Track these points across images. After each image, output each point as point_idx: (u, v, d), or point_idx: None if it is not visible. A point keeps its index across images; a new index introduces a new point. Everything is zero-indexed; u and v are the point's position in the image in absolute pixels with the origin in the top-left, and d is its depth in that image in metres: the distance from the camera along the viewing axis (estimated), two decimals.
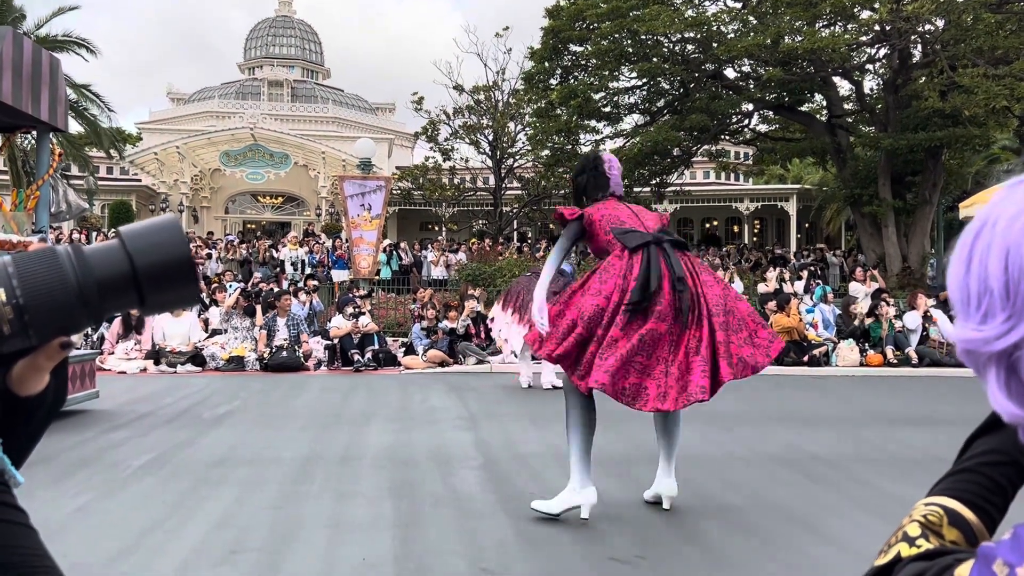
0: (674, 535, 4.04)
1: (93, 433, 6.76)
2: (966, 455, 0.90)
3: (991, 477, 0.87)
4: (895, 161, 20.35)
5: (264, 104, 38.72)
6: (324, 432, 6.91)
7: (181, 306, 0.98)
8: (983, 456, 0.88)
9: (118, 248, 0.88)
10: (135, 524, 4.16)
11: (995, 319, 0.67)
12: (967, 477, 0.87)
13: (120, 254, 0.88)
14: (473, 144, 29.12)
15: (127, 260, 0.88)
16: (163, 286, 0.89)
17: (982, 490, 0.86)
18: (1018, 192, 0.69)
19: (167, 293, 0.90)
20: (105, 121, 26.73)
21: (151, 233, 0.90)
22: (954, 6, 17.49)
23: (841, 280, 20.62)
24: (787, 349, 13.45)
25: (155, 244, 0.89)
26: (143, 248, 0.89)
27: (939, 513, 0.84)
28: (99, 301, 0.87)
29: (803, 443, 6.52)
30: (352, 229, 17.95)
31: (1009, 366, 0.67)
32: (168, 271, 0.89)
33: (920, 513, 0.84)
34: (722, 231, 35.10)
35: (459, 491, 4.91)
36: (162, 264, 0.89)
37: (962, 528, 0.83)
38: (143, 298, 0.89)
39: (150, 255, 0.88)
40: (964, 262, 0.71)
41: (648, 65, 20.84)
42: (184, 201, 31.08)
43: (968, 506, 0.85)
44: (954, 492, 0.86)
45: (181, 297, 0.92)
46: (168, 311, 0.99)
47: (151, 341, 12.58)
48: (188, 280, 0.90)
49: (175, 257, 0.89)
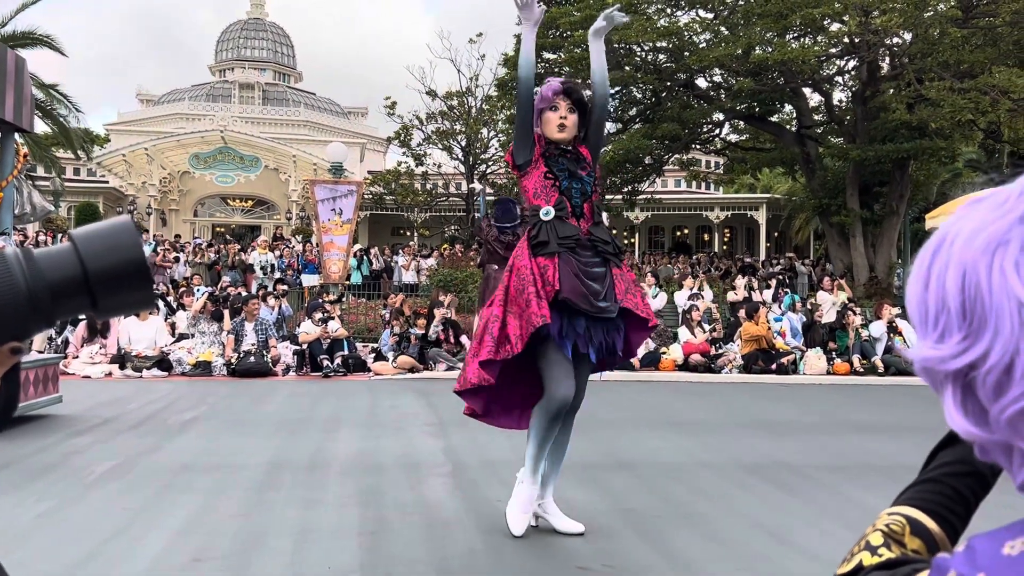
0: (641, 543, 4.05)
1: (55, 439, 6.65)
2: (931, 466, 0.91)
3: (954, 488, 0.88)
4: (863, 172, 20.63)
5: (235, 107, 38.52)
6: (291, 438, 6.85)
7: (136, 310, 0.96)
8: (947, 467, 0.89)
9: (70, 251, 0.87)
10: (97, 531, 4.09)
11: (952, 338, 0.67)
12: (931, 487, 0.88)
13: (72, 258, 0.86)
14: (446, 149, 29.13)
15: (79, 264, 0.86)
16: (116, 290, 0.88)
17: (945, 500, 0.87)
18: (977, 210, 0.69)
19: (121, 297, 0.89)
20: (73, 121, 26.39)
21: (104, 236, 0.88)
22: (921, 20, 17.77)
23: (809, 289, 20.83)
24: (755, 357, 13.57)
25: (108, 247, 0.87)
26: (95, 251, 0.87)
27: (902, 523, 0.84)
28: (50, 306, 0.85)
29: (771, 451, 6.56)
30: (323, 233, 17.87)
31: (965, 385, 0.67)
32: (121, 274, 0.87)
33: (883, 522, 0.84)
34: (693, 239, 35.35)
35: (427, 498, 4.88)
36: (115, 267, 0.87)
37: (924, 538, 0.84)
38: (96, 302, 0.88)
39: (103, 258, 0.87)
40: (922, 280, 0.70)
41: (620, 74, 20.95)
42: (152, 204, 30.79)
43: (931, 516, 0.85)
44: (917, 502, 0.87)
45: (135, 301, 0.90)
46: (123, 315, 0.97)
47: (116, 345, 12.43)
48: (142, 283, 0.89)
49: (128, 260, 0.87)
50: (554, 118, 4.13)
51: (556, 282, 3.91)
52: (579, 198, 4.10)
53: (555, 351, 3.92)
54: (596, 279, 3.98)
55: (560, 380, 3.89)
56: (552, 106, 4.15)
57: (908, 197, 21.38)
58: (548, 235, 4.00)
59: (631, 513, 4.59)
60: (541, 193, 4.11)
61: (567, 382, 3.90)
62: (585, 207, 4.11)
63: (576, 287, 3.92)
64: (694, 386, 12.08)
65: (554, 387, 3.89)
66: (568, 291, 3.90)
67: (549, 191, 4.10)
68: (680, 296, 17.33)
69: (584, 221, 4.08)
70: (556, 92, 4.16)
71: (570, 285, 3.91)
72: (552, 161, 4.13)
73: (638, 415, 8.19)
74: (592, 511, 4.58)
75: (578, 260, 3.98)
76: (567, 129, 4.13)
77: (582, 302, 3.91)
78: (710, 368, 13.70)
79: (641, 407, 9.14)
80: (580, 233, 4.03)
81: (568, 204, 4.06)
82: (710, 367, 13.71)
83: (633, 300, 4.10)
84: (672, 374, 13.49)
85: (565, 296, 3.89)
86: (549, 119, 4.15)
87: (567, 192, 4.08)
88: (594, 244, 4.04)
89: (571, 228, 4.02)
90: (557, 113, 4.13)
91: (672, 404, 9.74)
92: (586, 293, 3.92)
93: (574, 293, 3.90)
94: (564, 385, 3.89)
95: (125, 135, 34.73)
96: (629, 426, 7.57)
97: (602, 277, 4.01)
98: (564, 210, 4.04)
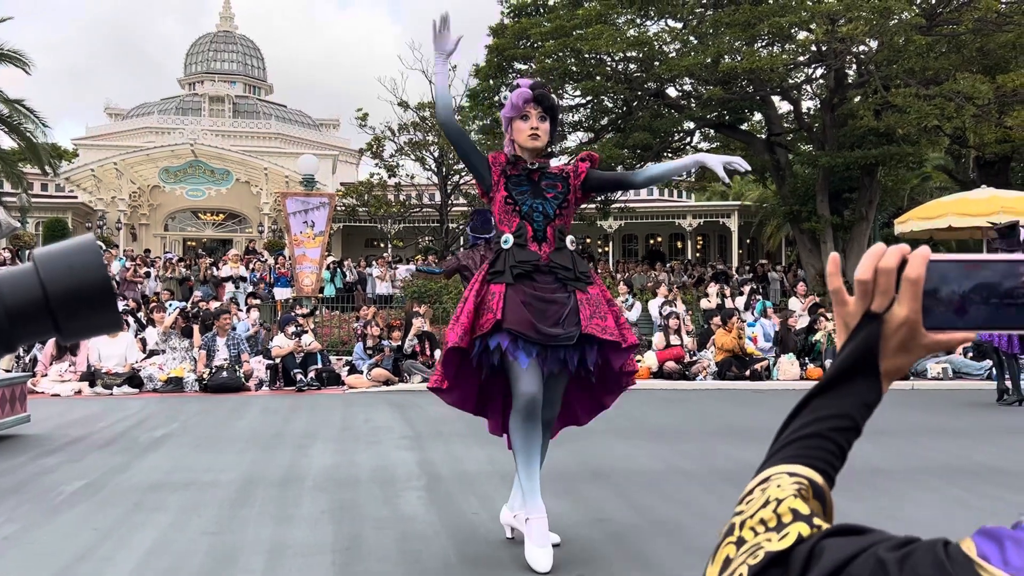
0: (617, 552, 4.04)
1: (24, 459, 6.55)
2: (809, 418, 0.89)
3: (838, 443, 0.87)
4: (832, 178, 20.85)
5: (205, 120, 38.24)
6: (264, 454, 6.78)
7: (100, 333, 0.93)
8: (832, 421, 0.88)
9: (31, 273, 0.84)
10: (66, 553, 4.02)
11: None
12: (818, 444, 0.87)
13: (32, 279, 0.83)
14: (419, 160, 29.08)
15: (39, 286, 0.83)
16: (79, 313, 0.85)
17: (831, 456, 0.87)
18: None
19: (84, 320, 0.86)
20: (40, 136, 26.10)
21: (66, 256, 0.85)
22: (886, 28, 17.99)
23: (782, 295, 20.98)
24: (729, 364, 13.64)
25: (70, 268, 0.84)
26: (57, 273, 0.84)
27: (807, 485, 0.83)
28: (9, 329, 0.83)
29: (746, 457, 6.58)
30: (295, 246, 17.76)
31: None
32: (84, 297, 0.84)
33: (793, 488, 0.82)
34: (666, 247, 35.50)
35: (402, 512, 4.85)
36: (77, 289, 0.84)
37: (820, 499, 0.83)
38: (59, 325, 0.85)
39: (64, 280, 0.84)
40: None
41: (591, 83, 21.06)
42: (122, 218, 30.47)
43: (821, 474, 0.85)
44: (809, 461, 0.86)
45: (100, 323, 0.87)
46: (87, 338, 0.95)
47: (86, 363, 12.26)
48: (106, 306, 0.86)
49: (91, 282, 0.85)
50: (525, 128, 3.99)
51: (499, 311, 3.83)
52: (541, 221, 3.98)
53: (512, 361, 3.90)
54: (553, 305, 3.88)
55: (522, 377, 3.84)
56: (523, 115, 4.00)
57: (877, 203, 21.65)
58: (503, 264, 3.94)
59: (606, 523, 4.59)
60: (503, 219, 4.02)
61: (528, 379, 3.83)
62: (548, 231, 3.99)
63: (522, 317, 3.83)
64: (669, 393, 12.11)
65: (518, 385, 3.85)
66: (512, 321, 3.83)
67: (510, 216, 4.01)
68: (654, 304, 17.39)
69: (547, 245, 3.96)
70: (527, 100, 3.98)
71: (515, 315, 3.83)
72: (512, 183, 4.01)
73: (613, 423, 8.18)
74: (567, 521, 4.56)
75: (534, 286, 3.90)
76: (540, 139, 4.00)
77: (528, 331, 3.82)
78: (684, 375, 13.74)
79: (616, 415, 9.12)
80: (540, 259, 3.93)
81: (529, 229, 3.96)
82: (684, 374, 13.76)
83: (601, 324, 3.93)
84: (647, 382, 13.51)
85: (507, 326, 3.83)
86: (520, 128, 4.00)
87: (528, 216, 3.98)
88: (553, 270, 3.93)
89: (529, 254, 3.93)
90: (528, 123, 3.98)
91: (647, 412, 9.75)
92: (533, 322, 3.82)
93: (519, 323, 3.82)
94: (525, 382, 3.83)
95: (94, 150, 34.32)
96: (604, 435, 7.57)
97: (562, 303, 3.90)
98: (523, 236, 3.95)
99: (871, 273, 0.87)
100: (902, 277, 0.85)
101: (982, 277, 0.84)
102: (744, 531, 0.80)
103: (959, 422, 8.87)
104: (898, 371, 0.90)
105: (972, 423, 8.82)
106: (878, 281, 0.86)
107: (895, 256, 0.85)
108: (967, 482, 5.64)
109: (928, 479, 5.73)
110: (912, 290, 0.84)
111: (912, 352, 0.88)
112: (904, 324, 0.86)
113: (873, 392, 0.90)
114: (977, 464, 6.36)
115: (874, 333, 0.88)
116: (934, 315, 0.85)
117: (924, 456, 6.69)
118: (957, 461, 6.49)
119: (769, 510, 0.80)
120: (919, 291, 0.84)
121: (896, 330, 0.86)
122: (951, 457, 6.67)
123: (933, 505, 4.99)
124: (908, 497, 5.16)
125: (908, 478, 5.72)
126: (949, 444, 7.29)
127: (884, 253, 0.86)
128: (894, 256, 0.85)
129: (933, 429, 8.22)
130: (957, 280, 0.84)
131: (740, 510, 0.84)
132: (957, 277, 0.84)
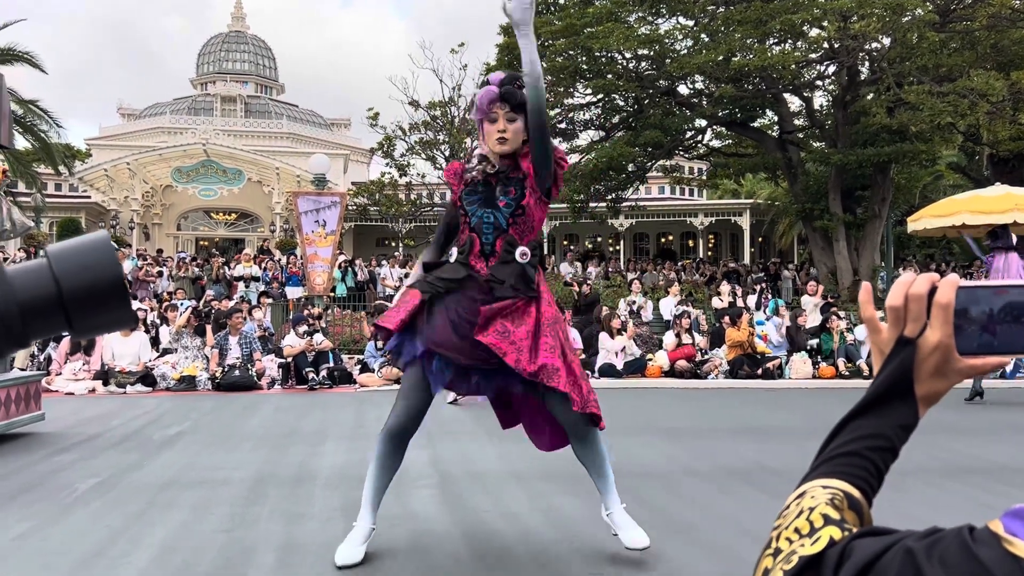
0: (629, 552, 4.03)
1: (38, 457, 6.59)
2: (847, 438, 0.93)
3: (875, 462, 0.91)
4: (845, 176, 20.76)
5: (217, 120, 38.40)
6: (277, 452, 6.80)
7: (114, 329, 0.93)
8: (869, 440, 0.91)
9: (44, 269, 0.84)
10: (79, 551, 4.04)
11: None
12: (856, 462, 0.90)
13: (46, 275, 0.83)
14: (429, 160, 29.10)
15: (53, 282, 0.83)
16: (92, 309, 0.85)
17: (868, 475, 0.90)
18: None
19: (97, 316, 0.86)
20: (54, 136, 26.26)
21: (79, 253, 0.85)
22: (899, 25, 17.91)
23: (794, 294, 20.91)
24: (741, 362, 13.60)
25: (84, 265, 0.84)
26: (70, 269, 0.84)
27: (841, 496, 0.86)
28: (22, 325, 0.83)
29: (757, 456, 6.57)
30: (306, 245, 17.80)
31: None
32: (97, 293, 0.84)
33: (826, 497, 0.86)
34: (677, 246, 35.43)
35: (413, 510, 4.86)
36: (91, 286, 0.84)
37: (858, 512, 0.86)
38: (71, 322, 0.85)
39: (78, 277, 0.84)
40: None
41: (603, 82, 21.02)
42: (135, 218, 30.63)
43: (858, 489, 0.88)
44: (847, 476, 0.89)
45: (113, 320, 0.87)
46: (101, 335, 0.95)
47: (100, 361, 12.33)
48: (119, 303, 0.86)
49: (105, 278, 0.85)
50: (493, 131, 3.70)
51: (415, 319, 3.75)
52: (490, 234, 3.72)
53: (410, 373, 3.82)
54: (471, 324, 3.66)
55: (394, 407, 3.85)
56: (490, 117, 3.71)
57: (890, 200, 21.53)
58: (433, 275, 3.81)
59: None
60: (460, 233, 3.85)
61: (397, 412, 3.82)
62: (497, 243, 3.72)
63: (448, 339, 3.67)
64: (680, 392, 12.08)
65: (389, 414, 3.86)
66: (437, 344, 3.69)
67: (463, 228, 3.81)
68: (665, 303, 17.36)
69: (493, 259, 3.72)
70: (492, 100, 3.68)
71: (442, 336, 3.68)
72: (466, 193, 3.77)
73: (624, 422, 8.17)
74: (578, 518, 4.56)
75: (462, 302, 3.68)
76: (508, 141, 3.68)
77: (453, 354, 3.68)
78: (696, 374, 13.72)
79: (627, 414, 9.12)
80: (477, 272, 3.70)
81: (477, 242, 3.73)
82: (696, 373, 13.73)
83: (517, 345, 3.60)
84: (658, 380, 13.50)
85: (432, 348, 3.69)
86: (488, 132, 3.73)
87: (476, 228, 3.74)
88: (490, 284, 3.68)
89: (458, 270, 3.72)
90: (496, 126, 3.69)
91: (658, 410, 9.73)
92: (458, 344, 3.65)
93: (444, 345, 3.67)
94: (393, 415, 3.83)
95: (107, 150, 34.48)
96: (615, 433, 7.54)
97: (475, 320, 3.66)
98: (467, 252, 3.73)
99: (902, 300, 0.90)
100: (933, 303, 0.87)
101: (1011, 299, 0.85)
102: (780, 542, 0.84)
103: (968, 420, 8.83)
104: (935, 396, 0.92)
105: (981, 421, 8.78)
106: (909, 307, 0.89)
107: (925, 283, 0.88)
108: (982, 481, 5.61)
109: (942, 480, 5.70)
110: (943, 315, 0.87)
111: (948, 377, 0.90)
112: (937, 348, 0.88)
113: (910, 416, 0.92)
114: (989, 463, 6.33)
115: (908, 358, 0.90)
116: (966, 339, 0.87)
117: (936, 456, 6.65)
118: (968, 461, 6.45)
119: (803, 519, 0.84)
120: (950, 316, 0.87)
121: (930, 354, 0.89)
122: (961, 456, 6.64)
123: (949, 506, 4.96)
124: (924, 497, 5.13)
125: (921, 478, 5.69)
126: (959, 443, 7.25)
127: (914, 280, 0.89)
128: (924, 283, 0.88)
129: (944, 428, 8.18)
130: (986, 304, 0.86)
131: (777, 523, 0.87)
132: (986, 301, 0.86)
